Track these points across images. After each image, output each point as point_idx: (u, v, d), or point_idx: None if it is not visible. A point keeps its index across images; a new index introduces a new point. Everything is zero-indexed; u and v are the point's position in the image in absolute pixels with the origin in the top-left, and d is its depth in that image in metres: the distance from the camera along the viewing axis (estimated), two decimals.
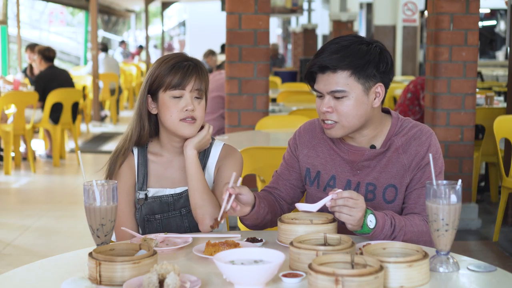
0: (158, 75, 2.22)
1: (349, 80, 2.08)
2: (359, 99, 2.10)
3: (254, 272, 1.57)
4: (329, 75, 2.09)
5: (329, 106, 2.11)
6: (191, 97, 2.21)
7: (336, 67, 2.07)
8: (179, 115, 2.20)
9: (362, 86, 2.09)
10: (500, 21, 18.51)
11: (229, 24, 5.15)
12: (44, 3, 20.81)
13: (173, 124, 2.21)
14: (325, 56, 2.09)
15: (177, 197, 2.28)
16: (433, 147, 2.16)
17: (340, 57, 2.08)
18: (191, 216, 2.27)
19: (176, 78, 2.19)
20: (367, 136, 2.19)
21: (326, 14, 17.27)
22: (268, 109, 5.29)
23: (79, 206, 5.77)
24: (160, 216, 2.28)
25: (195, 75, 2.21)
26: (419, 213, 2.14)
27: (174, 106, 2.20)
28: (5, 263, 4.41)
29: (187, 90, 2.20)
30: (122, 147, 2.29)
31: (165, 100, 2.21)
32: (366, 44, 2.12)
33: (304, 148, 2.29)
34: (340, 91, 2.09)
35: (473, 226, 5.21)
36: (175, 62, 2.22)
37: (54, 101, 7.47)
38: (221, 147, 2.34)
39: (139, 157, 2.30)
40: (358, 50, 2.09)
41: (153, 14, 30.07)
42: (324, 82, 2.11)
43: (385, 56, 2.13)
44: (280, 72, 12.34)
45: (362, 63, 2.08)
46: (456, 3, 5.02)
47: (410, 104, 6.30)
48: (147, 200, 2.27)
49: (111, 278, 1.62)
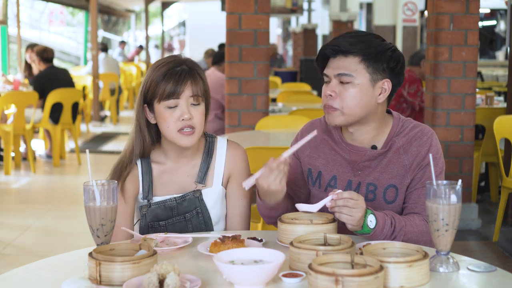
0: (151, 85, 2.14)
1: (358, 67, 2.10)
2: (364, 88, 2.11)
3: (254, 272, 1.57)
4: (339, 59, 2.12)
5: (333, 90, 2.12)
6: (187, 105, 2.13)
7: (348, 50, 2.10)
8: (176, 125, 2.13)
9: (369, 76, 2.11)
10: (500, 21, 18.50)
11: (229, 24, 5.15)
12: (44, 3, 20.81)
13: (171, 135, 2.15)
14: (340, 39, 2.14)
15: (181, 200, 2.24)
16: (434, 147, 2.16)
17: (354, 42, 2.11)
18: (195, 221, 2.25)
19: (169, 87, 2.11)
20: (368, 135, 2.19)
21: (326, 14, 17.26)
22: (268, 109, 5.29)
23: (79, 206, 5.77)
24: (165, 223, 2.25)
25: (189, 81, 2.13)
26: (419, 213, 2.14)
27: (170, 116, 2.13)
28: (5, 263, 4.41)
29: (183, 98, 2.12)
30: (124, 161, 2.22)
31: (160, 111, 2.14)
32: (381, 39, 2.17)
33: (306, 148, 2.29)
34: (347, 74, 2.10)
35: (473, 226, 5.21)
36: (167, 69, 2.13)
37: (54, 101, 7.46)
38: (226, 145, 2.31)
39: (143, 166, 2.24)
40: (373, 41, 2.14)
41: (153, 14, 30.06)
42: (334, 65, 2.13)
43: (397, 55, 2.16)
44: (280, 72, 12.33)
45: (374, 52, 2.11)
46: (456, 3, 5.02)
47: (397, 103, 6.32)
48: (150, 207, 2.23)
49: (111, 278, 1.62)
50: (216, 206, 2.28)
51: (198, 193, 2.25)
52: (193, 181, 2.26)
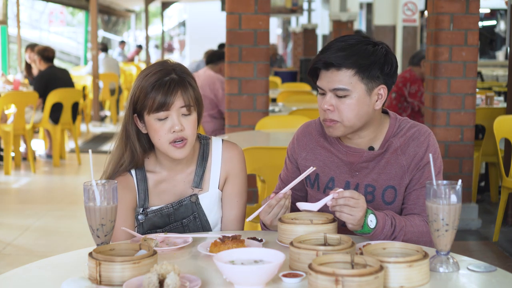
0: (140, 95, 2.08)
1: (352, 79, 2.07)
2: (361, 99, 2.09)
3: (254, 272, 1.57)
4: (333, 72, 2.08)
5: (331, 104, 2.09)
6: (178, 116, 2.07)
7: (340, 64, 2.06)
8: (168, 137, 2.08)
9: (365, 86, 2.09)
10: (500, 21, 18.50)
11: (229, 24, 5.15)
12: (44, 3, 20.81)
13: (162, 147, 2.11)
14: (331, 53, 2.08)
15: (177, 206, 2.22)
16: (432, 147, 2.16)
17: (346, 55, 2.06)
18: (193, 226, 2.23)
19: (158, 98, 2.04)
20: (366, 138, 2.18)
21: (326, 14, 17.26)
22: (268, 109, 5.29)
23: (79, 206, 5.77)
24: (162, 230, 2.21)
25: (179, 91, 2.07)
26: (419, 214, 2.14)
27: (161, 128, 2.07)
28: (5, 263, 4.41)
29: (173, 110, 2.06)
30: (113, 172, 2.16)
31: (151, 123, 2.09)
32: (372, 44, 2.11)
33: (302, 151, 2.29)
34: (342, 89, 2.07)
35: (473, 226, 5.21)
36: (155, 79, 2.06)
37: (54, 101, 7.47)
38: (221, 146, 2.27)
39: (137, 175, 2.20)
40: (364, 50, 2.08)
41: (153, 14, 30.06)
42: (328, 79, 2.09)
43: (390, 58, 2.12)
44: (280, 72, 12.33)
45: (367, 63, 2.07)
46: (456, 3, 5.02)
47: (398, 103, 6.32)
48: (147, 216, 2.20)
49: (111, 278, 1.62)
50: (214, 210, 2.26)
51: (194, 198, 2.22)
52: (189, 186, 2.23)
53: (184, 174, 2.23)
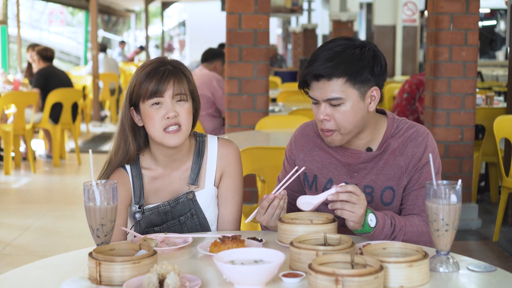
0: (135, 85, 2.13)
1: (344, 87, 2.06)
2: (355, 105, 2.08)
3: (254, 272, 1.57)
4: (324, 82, 2.07)
5: (326, 114, 2.08)
6: (172, 103, 2.11)
7: (330, 75, 2.05)
8: (162, 123, 2.10)
9: (357, 91, 2.08)
10: (500, 21, 18.50)
11: (229, 24, 5.15)
12: (44, 3, 20.82)
13: (157, 134, 2.12)
14: (319, 64, 2.06)
15: (174, 204, 2.22)
16: (430, 147, 2.15)
17: (334, 65, 2.05)
18: (190, 223, 2.24)
19: (152, 85, 2.10)
20: (364, 140, 2.18)
21: (326, 14, 17.27)
22: (268, 109, 5.29)
23: (79, 206, 5.77)
24: (160, 228, 2.22)
25: (172, 80, 2.11)
26: (418, 214, 2.14)
27: (155, 114, 2.10)
28: (5, 263, 4.41)
29: (167, 97, 2.10)
30: (108, 164, 2.21)
31: (146, 110, 2.12)
32: (359, 47, 2.09)
33: (300, 153, 2.29)
34: (336, 98, 2.06)
35: (473, 226, 5.21)
36: (150, 69, 2.12)
37: (54, 101, 7.47)
38: (217, 144, 2.28)
39: (132, 171, 2.21)
40: (352, 56, 2.06)
41: (153, 14, 30.06)
42: (320, 89, 2.08)
43: (378, 59, 2.11)
44: (280, 72, 12.32)
45: (356, 69, 2.05)
46: (456, 3, 5.02)
47: (407, 104, 6.30)
48: (144, 214, 2.21)
49: (111, 278, 1.62)
50: (211, 207, 2.26)
51: (191, 195, 2.22)
52: (185, 183, 2.23)
53: (180, 171, 2.23)
